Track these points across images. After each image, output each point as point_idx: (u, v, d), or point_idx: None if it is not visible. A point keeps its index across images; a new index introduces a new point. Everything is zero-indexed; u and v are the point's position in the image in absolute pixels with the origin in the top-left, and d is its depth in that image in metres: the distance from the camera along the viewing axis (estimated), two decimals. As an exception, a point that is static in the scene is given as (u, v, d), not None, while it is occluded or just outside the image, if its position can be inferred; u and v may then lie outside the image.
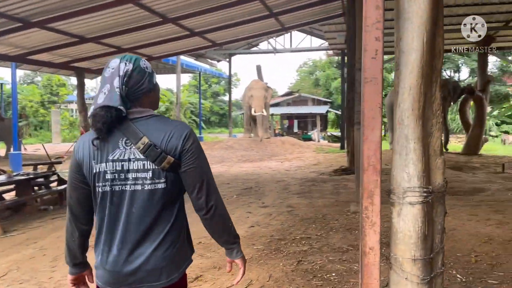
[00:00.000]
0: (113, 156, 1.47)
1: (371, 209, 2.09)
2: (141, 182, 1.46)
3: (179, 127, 1.52)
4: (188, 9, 8.22)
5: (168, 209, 1.52)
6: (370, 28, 2.04)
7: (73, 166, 1.53)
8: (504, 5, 10.56)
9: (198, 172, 1.52)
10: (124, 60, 1.50)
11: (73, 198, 1.55)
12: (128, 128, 1.47)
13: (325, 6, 10.20)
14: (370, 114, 2.06)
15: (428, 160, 2.07)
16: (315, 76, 35.03)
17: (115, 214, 1.49)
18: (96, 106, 1.46)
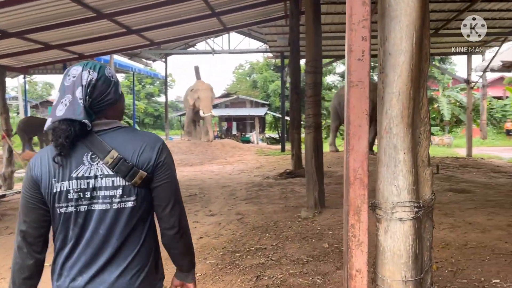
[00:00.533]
0: (77, 173, 1.33)
1: (358, 227, 1.89)
2: (109, 200, 1.34)
3: (151, 139, 1.41)
4: (125, 4, 7.68)
5: (138, 230, 1.39)
6: (356, 27, 1.83)
7: (29, 184, 1.37)
8: (435, 13, 11.08)
9: (172, 187, 1.43)
10: (87, 67, 1.37)
11: (28, 221, 1.38)
12: (93, 142, 1.34)
13: (268, 7, 10.09)
14: (356, 122, 1.85)
15: (416, 171, 1.91)
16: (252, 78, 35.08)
17: (77, 236, 1.35)
18: (55, 119, 1.31)
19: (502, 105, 27.09)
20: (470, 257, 3.54)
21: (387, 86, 1.89)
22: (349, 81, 1.85)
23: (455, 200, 6.18)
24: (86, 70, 1.36)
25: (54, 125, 1.31)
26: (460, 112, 26.79)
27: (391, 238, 1.89)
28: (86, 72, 1.35)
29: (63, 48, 9.68)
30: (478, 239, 3.97)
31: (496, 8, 10.56)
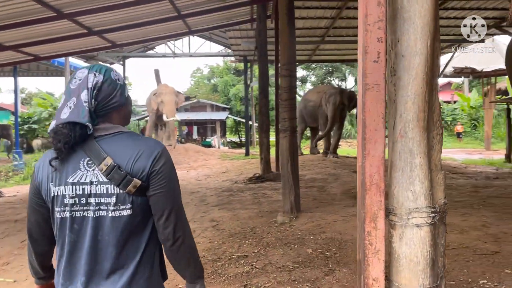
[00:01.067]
0: (73, 178, 1.32)
1: (375, 234, 1.83)
2: (105, 208, 1.31)
3: (149, 145, 1.36)
4: (88, 4, 7.35)
5: (137, 238, 1.36)
6: (371, 28, 1.78)
7: (32, 188, 1.41)
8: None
9: (167, 197, 1.36)
10: (93, 70, 1.36)
11: (32, 220, 1.44)
12: (91, 148, 1.32)
13: (234, 11, 10.00)
14: (372, 126, 1.80)
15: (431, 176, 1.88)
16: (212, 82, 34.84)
17: (75, 243, 1.33)
18: (59, 122, 1.30)
19: (452, 109, 28.43)
20: (455, 259, 3.59)
21: (401, 89, 1.85)
22: (364, 84, 1.79)
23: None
24: (92, 73, 1.34)
25: (57, 127, 1.30)
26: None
27: (406, 245, 1.85)
28: (92, 74, 1.34)
29: (17, 49, 9.15)
30: (458, 240, 4.06)
31: (452, 16, 11.03)
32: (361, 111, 1.82)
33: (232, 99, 30.45)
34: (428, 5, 1.81)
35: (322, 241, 4.36)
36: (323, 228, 4.84)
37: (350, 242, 4.26)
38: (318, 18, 11.21)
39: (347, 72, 31.20)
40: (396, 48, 1.87)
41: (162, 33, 10.73)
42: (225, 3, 9.10)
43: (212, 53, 21.38)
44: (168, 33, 10.92)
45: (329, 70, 30.78)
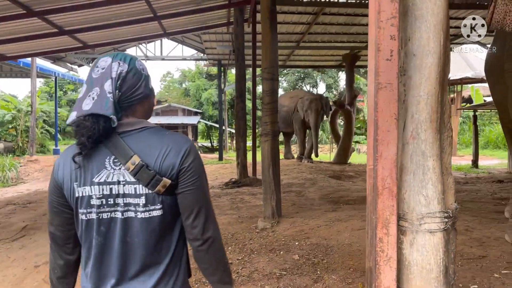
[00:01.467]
0: (99, 178, 1.23)
1: (387, 241, 1.74)
2: (133, 209, 1.23)
3: (177, 142, 1.28)
4: (61, 2, 7.05)
5: (167, 239, 1.29)
6: (384, 24, 1.70)
7: (52, 187, 1.31)
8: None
9: (197, 195, 1.29)
10: (117, 59, 1.27)
11: (54, 224, 1.34)
12: (116, 145, 1.23)
13: (211, 13, 9.87)
14: (384, 127, 1.71)
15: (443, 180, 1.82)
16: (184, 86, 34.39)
17: (103, 246, 1.25)
18: (81, 113, 1.21)
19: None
20: (443, 263, 3.58)
21: (412, 89, 1.78)
22: (377, 83, 1.71)
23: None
24: (116, 62, 1.26)
25: (79, 120, 1.20)
26: (383, 122, 28.49)
27: (418, 251, 1.78)
28: (116, 63, 1.25)
29: (-18, 47, 8.70)
30: (444, 245, 4.07)
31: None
32: (373, 111, 1.73)
33: (204, 104, 30.15)
34: (441, 2, 1.75)
35: (307, 247, 4.28)
36: (307, 234, 4.76)
37: (336, 247, 4.20)
38: (294, 23, 11.23)
39: (318, 79, 31.54)
40: (407, 46, 1.81)
41: (136, 34, 10.47)
42: (201, 5, 8.96)
43: (185, 57, 21.10)
44: (142, 35, 10.66)
45: (300, 76, 31.03)
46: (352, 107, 13.61)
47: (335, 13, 10.46)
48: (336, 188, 8.52)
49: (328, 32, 12.24)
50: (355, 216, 5.50)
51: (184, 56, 21.55)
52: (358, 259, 3.84)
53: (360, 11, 10.22)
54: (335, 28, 11.74)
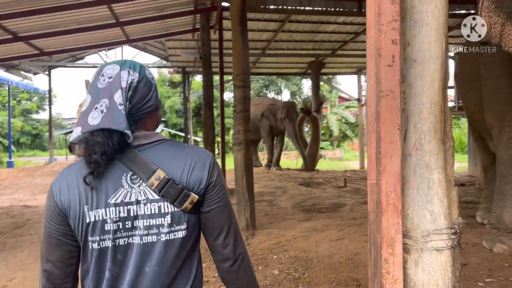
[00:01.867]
0: (116, 198, 1.08)
1: (392, 262, 1.60)
2: (156, 231, 1.10)
3: (200, 154, 1.18)
4: (16, 6, 6.61)
5: (189, 263, 1.17)
6: (385, 28, 1.58)
7: (52, 214, 1.11)
8: (334, 34, 11.70)
9: (226, 212, 1.19)
10: (126, 67, 1.13)
11: (52, 260, 1.13)
12: (133, 159, 1.10)
13: (176, 20, 9.63)
14: (387, 138, 1.58)
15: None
16: (146, 94, 33.62)
17: (117, 278, 1.09)
18: (88, 129, 1.06)
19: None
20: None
21: (413, 97, 1.67)
22: (378, 91, 1.58)
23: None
24: (125, 70, 1.12)
25: (85, 136, 1.06)
26: (346, 128, 28.96)
27: (424, 271, 1.65)
28: (126, 72, 1.12)
29: None
30: (424, 253, 4.02)
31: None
32: (374, 121, 1.60)
33: (168, 112, 29.60)
34: (442, 5, 1.65)
35: (287, 261, 4.12)
36: (284, 246, 4.61)
37: (316, 260, 4.07)
38: (260, 30, 11.16)
39: (282, 86, 31.72)
40: (406, 52, 1.70)
41: (97, 41, 10.06)
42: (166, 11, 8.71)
43: (148, 64, 20.62)
44: (104, 42, 10.27)
45: (265, 83, 31.11)
46: (318, 114, 13.68)
47: (301, 20, 10.47)
48: (307, 196, 8.45)
49: (293, 40, 12.26)
50: (331, 226, 5.41)
51: (146, 64, 21.07)
52: (340, 272, 3.72)
53: (326, 18, 10.28)
54: (300, 35, 11.77)
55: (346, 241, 4.55)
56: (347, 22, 10.64)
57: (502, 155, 3.71)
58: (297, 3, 9.21)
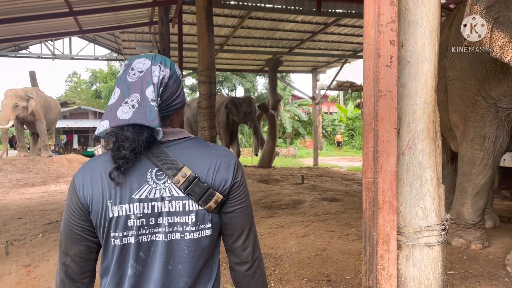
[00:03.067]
0: (140, 194, 1.05)
1: (387, 258, 1.64)
2: (180, 229, 1.08)
3: (225, 154, 1.15)
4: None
5: (211, 263, 1.15)
6: (384, 29, 1.61)
7: (74, 209, 1.07)
8: (292, 33, 11.83)
9: (248, 213, 1.18)
10: (157, 62, 1.11)
11: (71, 254, 1.10)
12: (160, 155, 1.08)
13: (133, 11, 9.32)
14: (384, 137, 1.62)
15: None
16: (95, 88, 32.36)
17: (140, 276, 1.07)
18: (118, 123, 1.03)
19: (332, 119, 30.67)
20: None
21: (407, 97, 1.71)
22: (377, 90, 1.61)
23: (337, 209, 6.50)
24: (157, 65, 1.09)
25: (114, 130, 1.03)
26: (299, 126, 29.45)
27: (415, 266, 1.70)
28: (157, 67, 1.09)
29: None
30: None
31: (344, 32, 11.80)
32: (372, 120, 1.63)
33: (119, 107, 28.67)
34: (435, 8, 1.71)
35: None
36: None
37: (285, 256, 4.09)
38: (219, 25, 11.06)
39: (237, 82, 31.69)
40: (400, 53, 1.74)
41: (47, 30, 9.53)
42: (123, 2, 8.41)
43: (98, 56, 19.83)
44: (54, 31, 9.74)
45: (219, 79, 30.92)
46: (275, 111, 13.79)
47: (260, 17, 10.49)
48: (267, 193, 8.49)
49: (252, 36, 12.26)
50: (295, 222, 5.47)
51: (96, 56, 20.25)
52: (310, 268, 3.77)
53: (285, 16, 10.37)
54: (259, 32, 11.79)
55: (313, 237, 4.62)
56: (305, 21, 10.78)
57: (465, 154, 3.91)
58: (258, 0, 9.22)
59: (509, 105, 3.65)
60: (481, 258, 3.82)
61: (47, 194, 10.04)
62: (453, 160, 5.08)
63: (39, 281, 3.77)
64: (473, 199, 3.93)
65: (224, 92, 31.87)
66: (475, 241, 3.97)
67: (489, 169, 3.84)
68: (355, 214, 6.03)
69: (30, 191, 10.81)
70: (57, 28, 9.40)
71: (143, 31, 11.57)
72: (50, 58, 18.99)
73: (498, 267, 3.60)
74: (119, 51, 17.67)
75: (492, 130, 3.74)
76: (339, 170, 14.56)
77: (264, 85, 32.08)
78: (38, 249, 4.80)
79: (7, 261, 4.35)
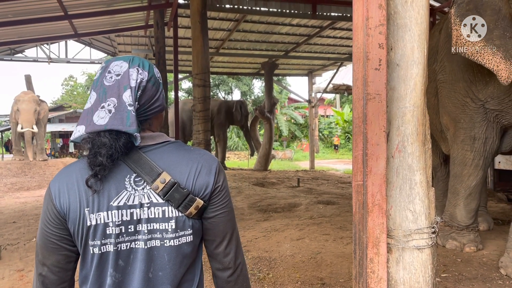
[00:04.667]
0: (118, 201, 1.03)
1: (377, 261, 1.64)
2: (159, 236, 1.05)
3: (206, 158, 1.13)
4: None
5: (192, 270, 1.13)
6: (372, 32, 1.61)
7: (50, 218, 1.05)
8: (287, 36, 11.86)
9: (229, 218, 1.16)
10: (135, 64, 1.08)
11: (48, 264, 1.07)
12: (138, 161, 1.05)
13: (129, 15, 9.32)
14: (373, 140, 1.62)
15: (427, 193, 1.77)
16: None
17: (119, 284, 1.04)
18: (94, 129, 1.01)
19: (329, 122, 30.72)
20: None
21: (396, 100, 1.72)
22: (365, 94, 1.61)
23: (332, 212, 6.50)
24: (134, 68, 1.06)
25: (91, 136, 1.00)
26: (295, 129, 29.47)
27: (405, 269, 1.70)
28: (134, 70, 1.06)
29: None
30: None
31: (339, 35, 11.84)
32: (361, 123, 1.63)
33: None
34: (424, 11, 1.71)
35: (250, 261, 4.11)
36: (246, 247, 4.59)
37: (279, 260, 4.08)
38: (215, 29, 11.08)
39: (233, 86, 31.71)
40: (389, 56, 1.74)
41: (42, 34, 9.51)
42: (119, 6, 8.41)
43: (94, 60, 19.80)
44: (49, 35, 9.72)
45: (215, 83, 30.94)
46: (271, 114, 13.80)
47: (256, 21, 10.51)
48: (263, 196, 8.49)
49: (247, 40, 12.28)
50: (290, 225, 5.47)
51: (92, 59, 20.24)
52: (304, 271, 3.77)
53: (281, 20, 10.40)
54: (255, 36, 11.82)
55: (307, 240, 4.61)
56: (301, 25, 10.81)
57: (456, 155, 3.93)
58: (253, 4, 9.24)
59: (496, 106, 3.70)
60: (475, 260, 3.83)
61: (42, 198, 9.99)
62: (446, 163, 5.10)
63: (32, 286, 3.74)
64: (465, 200, 3.94)
65: (221, 95, 31.87)
66: (469, 244, 3.98)
67: (480, 170, 3.86)
68: (350, 217, 6.02)
69: (25, 195, 10.77)
70: (53, 31, 9.39)
71: (139, 34, 11.57)
72: (46, 61, 18.96)
73: (492, 269, 3.60)
74: (115, 54, 17.61)
75: (481, 131, 3.78)
76: (335, 173, 14.57)
77: (260, 88, 32.09)
78: (31, 254, 4.77)
79: (0, 265, 4.33)
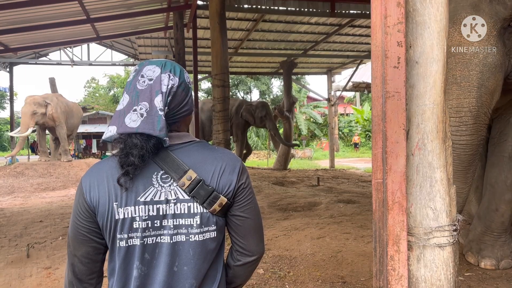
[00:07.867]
0: (145, 196, 1.08)
1: (398, 259, 1.64)
2: (185, 231, 1.10)
3: (230, 158, 1.18)
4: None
5: (216, 265, 1.17)
6: (391, 30, 1.61)
7: (81, 211, 1.11)
8: (306, 34, 11.83)
9: (255, 214, 1.21)
10: (167, 70, 1.12)
11: (78, 255, 1.13)
12: (165, 159, 1.10)
13: (148, 17, 9.46)
14: (393, 138, 1.62)
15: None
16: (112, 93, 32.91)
17: (145, 277, 1.08)
18: (125, 130, 1.05)
19: (348, 121, 30.48)
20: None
21: (415, 98, 1.71)
22: (385, 92, 1.61)
23: (353, 211, 6.47)
24: (166, 73, 1.11)
25: (122, 137, 1.06)
26: (315, 128, 29.34)
27: (426, 267, 1.70)
28: (166, 75, 1.11)
29: None
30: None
31: (358, 33, 11.75)
32: (381, 122, 1.64)
33: (135, 111, 29.04)
34: (443, 8, 1.71)
35: (270, 260, 4.13)
36: (266, 245, 4.62)
37: (300, 258, 4.10)
38: (233, 29, 11.14)
39: (252, 85, 31.78)
40: (408, 53, 1.74)
41: (65, 37, 9.74)
42: (139, 8, 8.55)
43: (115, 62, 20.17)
44: (72, 38, 9.96)
45: (234, 82, 31.07)
46: (290, 113, 13.79)
47: (274, 20, 10.53)
48: (283, 195, 8.50)
49: (266, 39, 12.31)
50: (310, 224, 5.47)
51: (114, 62, 20.65)
52: (324, 270, 3.77)
53: (299, 19, 10.38)
54: (273, 35, 11.83)
55: (328, 239, 4.61)
56: (319, 23, 10.78)
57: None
58: (271, 3, 9.26)
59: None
60: (500, 259, 3.76)
61: (67, 198, 10.23)
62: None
63: (59, 283, 3.85)
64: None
65: (240, 95, 31.97)
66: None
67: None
68: (370, 216, 5.97)
69: (51, 195, 11.05)
70: (75, 35, 9.61)
71: (159, 36, 11.73)
72: (69, 64, 19.43)
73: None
74: (135, 56, 17.94)
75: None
76: (356, 172, 14.46)
77: (279, 87, 32.08)
78: (58, 252, 4.90)
79: (28, 263, 4.46)
